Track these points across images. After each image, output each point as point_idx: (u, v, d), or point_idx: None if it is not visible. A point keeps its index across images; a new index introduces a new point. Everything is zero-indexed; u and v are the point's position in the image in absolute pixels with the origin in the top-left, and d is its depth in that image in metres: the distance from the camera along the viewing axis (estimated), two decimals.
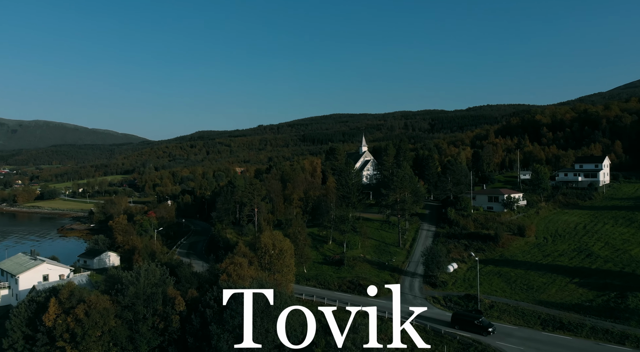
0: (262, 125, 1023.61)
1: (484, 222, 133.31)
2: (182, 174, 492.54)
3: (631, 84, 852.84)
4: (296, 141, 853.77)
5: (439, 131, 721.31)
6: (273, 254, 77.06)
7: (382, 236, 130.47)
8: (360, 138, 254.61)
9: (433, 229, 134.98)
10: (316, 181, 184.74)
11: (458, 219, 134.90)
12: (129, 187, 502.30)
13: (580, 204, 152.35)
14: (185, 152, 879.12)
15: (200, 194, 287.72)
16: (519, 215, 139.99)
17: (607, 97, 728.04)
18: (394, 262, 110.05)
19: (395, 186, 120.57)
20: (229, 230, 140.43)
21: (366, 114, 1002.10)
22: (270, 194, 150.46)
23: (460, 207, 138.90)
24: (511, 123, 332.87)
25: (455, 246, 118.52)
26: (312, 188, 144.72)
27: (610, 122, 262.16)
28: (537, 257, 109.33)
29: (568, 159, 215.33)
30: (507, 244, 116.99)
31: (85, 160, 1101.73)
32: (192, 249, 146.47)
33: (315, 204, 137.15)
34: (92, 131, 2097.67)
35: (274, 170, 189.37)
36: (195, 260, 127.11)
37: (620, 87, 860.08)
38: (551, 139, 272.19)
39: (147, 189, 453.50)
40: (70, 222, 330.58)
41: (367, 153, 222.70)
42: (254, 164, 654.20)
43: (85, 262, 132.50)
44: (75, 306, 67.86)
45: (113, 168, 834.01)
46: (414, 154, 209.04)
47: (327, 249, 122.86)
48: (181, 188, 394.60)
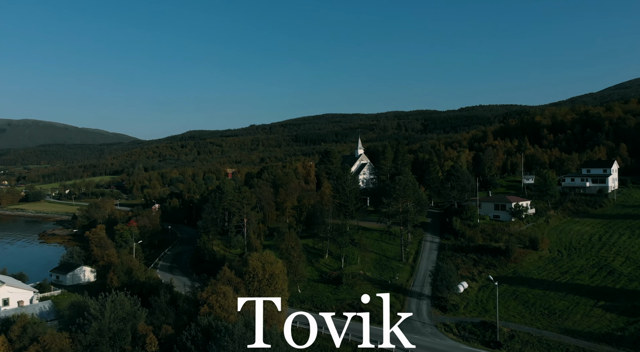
0: (254, 125, 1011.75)
1: (492, 233, 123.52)
2: (172, 175, 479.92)
3: (621, 85, 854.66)
4: (289, 141, 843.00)
5: (432, 132, 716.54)
6: (263, 279, 66.51)
7: (383, 248, 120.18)
8: (355, 139, 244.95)
9: (437, 240, 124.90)
10: (310, 186, 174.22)
11: (464, 229, 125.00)
12: (116, 188, 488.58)
13: (590, 212, 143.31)
14: (176, 152, 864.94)
15: (189, 198, 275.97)
16: (528, 225, 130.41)
17: (598, 97, 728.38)
18: (397, 280, 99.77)
19: (397, 194, 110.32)
20: (216, 241, 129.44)
21: (359, 114, 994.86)
22: (261, 201, 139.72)
23: (465, 216, 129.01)
24: (510, 124, 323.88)
25: (463, 260, 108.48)
26: (307, 195, 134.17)
27: (614, 124, 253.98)
28: (554, 274, 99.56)
29: (573, 162, 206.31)
30: (520, 258, 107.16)
31: (75, 160, 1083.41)
32: (176, 261, 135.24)
33: (310, 213, 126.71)
34: (82, 130, 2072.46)
35: (266, 175, 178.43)
36: (179, 276, 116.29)
37: (611, 88, 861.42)
38: (552, 141, 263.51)
39: (135, 191, 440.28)
40: (54, 226, 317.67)
41: (363, 156, 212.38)
42: (246, 164, 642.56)
43: (58, 278, 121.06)
44: (28, 346, 57.08)
45: (102, 168, 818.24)
46: (414, 156, 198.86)
47: (323, 263, 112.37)
48: (170, 190, 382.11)
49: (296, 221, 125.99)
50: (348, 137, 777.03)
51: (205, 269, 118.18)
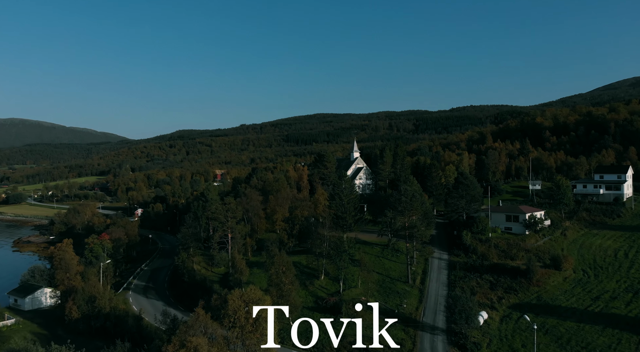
0: (245, 124, 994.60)
1: (507, 249, 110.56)
2: (158, 176, 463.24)
3: (610, 86, 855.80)
4: (279, 141, 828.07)
5: (424, 132, 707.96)
6: (246, 325, 52.80)
7: (386, 266, 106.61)
8: (348, 139, 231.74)
9: (445, 256, 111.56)
10: (303, 193, 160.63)
11: (475, 244, 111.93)
12: (100, 190, 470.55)
13: (608, 223, 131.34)
14: (164, 152, 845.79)
15: (174, 202, 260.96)
16: (545, 239, 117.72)
17: (588, 98, 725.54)
18: (405, 309, 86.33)
19: (402, 207, 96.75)
20: (198, 257, 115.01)
21: (350, 114, 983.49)
22: (248, 212, 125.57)
23: (476, 229, 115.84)
24: (509, 126, 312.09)
25: (478, 283, 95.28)
26: (299, 205, 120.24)
27: (620, 126, 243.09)
28: (585, 301, 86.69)
29: (581, 167, 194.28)
30: (543, 281, 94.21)
31: (61, 160, 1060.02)
32: (153, 280, 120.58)
33: (303, 226, 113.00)
34: (70, 130, 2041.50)
35: (254, 180, 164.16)
36: (154, 299, 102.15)
37: (600, 89, 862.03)
38: (555, 143, 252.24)
39: (119, 194, 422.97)
40: (31, 232, 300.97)
41: (359, 159, 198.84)
42: (236, 165, 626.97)
43: (16, 301, 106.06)
44: None
45: (88, 169, 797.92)
46: (414, 160, 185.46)
47: (319, 286, 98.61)
48: (155, 193, 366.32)
49: (288, 235, 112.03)
50: (340, 137, 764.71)
51: (183, 292, 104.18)
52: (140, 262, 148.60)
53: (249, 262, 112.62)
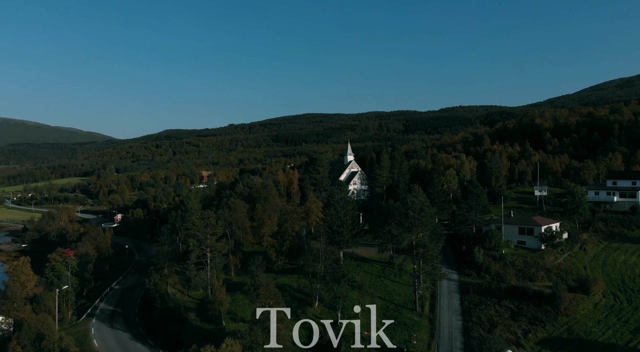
0: (234, 124, 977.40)
1: (524, 268, 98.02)
2: (142, 178, 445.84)
3: (597, 87, 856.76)
4: (269, 141, 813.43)
5: (414, 132, 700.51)
6: None
7: (389, 289, 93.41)
8: (336, 139, 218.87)
9: (455, 276, 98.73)
10: (294, 201, 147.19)
11: (488, 262, 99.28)
12: (82, 193, 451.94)
13: (627, 235, 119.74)
14: (151, 152, 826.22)
15: (155, 208, 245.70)
16: (564, 255, 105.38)
17: (576, 99, 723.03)
18: (415, 346, 73.08)
19: (410, 223, 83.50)
20: (174, 278, 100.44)
21: (340, 114, 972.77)
22: (232, 225, 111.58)
23: (489, 245, 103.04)
24: (507, 127, 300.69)
25: (497, 311, 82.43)
26: (290, 218, 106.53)
27: (624, 127, 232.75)
28: (623, 333, 74.18)
29: (589, 171, 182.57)
30: (572, 308, 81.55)
31: (45, 160, 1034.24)
32: (122, 303, 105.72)
33: (294, 243, 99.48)
34: (55, 129, 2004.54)
35: (240, 186, 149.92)
36: (120, 329, 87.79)
37: (586, 90, 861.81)
38: (557, 146, 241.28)
39: (101, 196, 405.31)
40: (5, 237, 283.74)
41: (353, 163, 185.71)
42: (223, 166, 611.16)
43: None
44: None
45: (71, 169, 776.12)
46: (415, 164, 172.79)
47: (312, 315, 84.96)
48: (138, 196, 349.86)
49: (276, 253, 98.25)
50: (330, 137, 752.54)
51: (155, 321, 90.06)
52: (114, 277, 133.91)
53: (231, 284, 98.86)
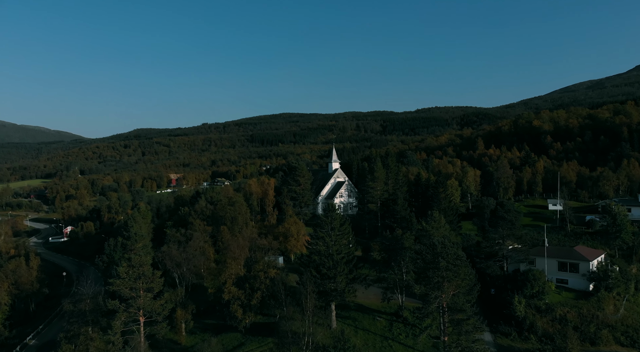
0: (207, 123, 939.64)
1: (580, 325, 72.42)
2: (104, 182, 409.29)
3: (567, 88, 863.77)
4: (244, 142, 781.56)
5: (392, 133, 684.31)
6: None
7: None
8: (314, 140, 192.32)
9: (488, 336, 72.39)
10: (269, 221, 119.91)
11: (532, 317, 73.37)
12: (37, 198, 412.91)
13: None
14: (118, 153, 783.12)
15: (109, 220, 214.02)
16: (623, 301, 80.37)
17: (549, 100, 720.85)
18: None
19: (439, 279, 56.47)
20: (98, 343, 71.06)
21: (317, 114, 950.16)
22: (182, 267, 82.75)
23: (530, 291, 77.06)
24: (502, 129, 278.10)
25: None
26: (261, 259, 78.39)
27: (633, 130, 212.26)
28: None
29: (609, 182, 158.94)
30: None
31: (9, 161, 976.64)
32: None
33: (268, 292, 71.81)
34: (21, 128, 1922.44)
35: (202, 203, 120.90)
36: None
37: (557, 91, 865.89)
38: (561, 151, 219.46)
39: (57, 202, 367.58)
40: None
41: (339, 171, 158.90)
42: (195, 168, 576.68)
43: None
44: None
45: (33, 171, 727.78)
46: (415, 173, 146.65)
47: None
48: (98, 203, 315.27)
49: (242, 308, 69.87)
50: (307, 138, 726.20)
51: None
52: (39, 320, 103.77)
53: (181, 350, 70.60)
